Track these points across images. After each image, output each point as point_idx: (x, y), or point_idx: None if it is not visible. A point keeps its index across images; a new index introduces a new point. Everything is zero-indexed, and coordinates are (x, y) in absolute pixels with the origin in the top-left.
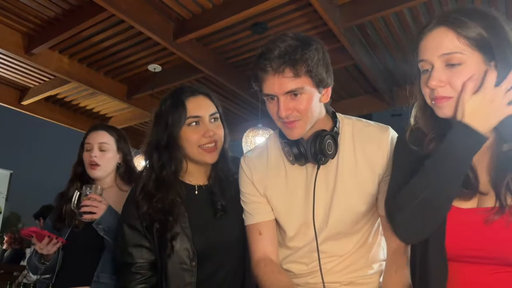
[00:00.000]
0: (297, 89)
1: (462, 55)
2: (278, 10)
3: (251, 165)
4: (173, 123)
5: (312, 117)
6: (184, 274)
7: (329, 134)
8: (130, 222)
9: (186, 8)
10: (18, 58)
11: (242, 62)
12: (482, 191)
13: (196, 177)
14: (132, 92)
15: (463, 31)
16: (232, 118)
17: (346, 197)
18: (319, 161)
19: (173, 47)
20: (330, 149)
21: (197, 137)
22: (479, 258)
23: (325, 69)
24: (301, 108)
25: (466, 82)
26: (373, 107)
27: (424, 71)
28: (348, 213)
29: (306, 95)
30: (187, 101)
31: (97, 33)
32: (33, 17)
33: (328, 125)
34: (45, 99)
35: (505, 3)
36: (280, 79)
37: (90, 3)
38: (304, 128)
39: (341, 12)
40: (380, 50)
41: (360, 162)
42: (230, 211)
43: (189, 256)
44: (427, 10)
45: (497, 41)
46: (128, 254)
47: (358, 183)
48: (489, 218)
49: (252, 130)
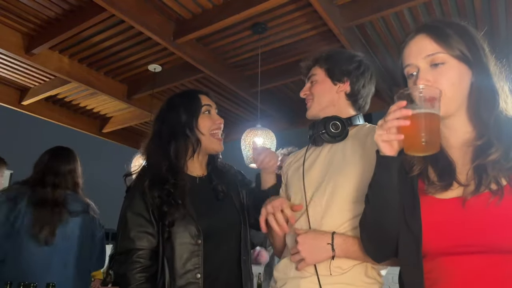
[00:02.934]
0: (311, 76)
1: (444, 55)
2: (278, 10)
3: (289, 157)
4: (191, 110)
5: (322, 101)
6: (191, 254)
7: (337, 117)
8: (134, 209)
9: (186, 8)
10: (18, 58)
11: (242, 62)
12: (464, 183)
13: (196, 169)
14: (132, 92)
15: (446, 41)
16: (232, 118)
17: (339, 179)
18: (319, 136)
19: (173, 47)
20: (336, 128)
21: (210, 123)
22: (465, 247)
23: (342, 65)
24: (313, 91)
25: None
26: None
27: (410, 76)
28: (339, 195)
29: (318, 83)
30: (200, 95)
31: (97, 33)
32: (33, 17)
33: (345, 116)
34: (45, 99)
35: (505, 3)
36: (312, 68)
37: (90, 3)
38: (314, 108)
39: (341, 12)
40: (380, 50)
41: (366, 155)
42: (229, 198)
43: (195, 235)
44: (427, 10)
45: (477, 61)
46: (129, 240)
47: (354, 171)
48: (466, 197)
49: (251, 130)
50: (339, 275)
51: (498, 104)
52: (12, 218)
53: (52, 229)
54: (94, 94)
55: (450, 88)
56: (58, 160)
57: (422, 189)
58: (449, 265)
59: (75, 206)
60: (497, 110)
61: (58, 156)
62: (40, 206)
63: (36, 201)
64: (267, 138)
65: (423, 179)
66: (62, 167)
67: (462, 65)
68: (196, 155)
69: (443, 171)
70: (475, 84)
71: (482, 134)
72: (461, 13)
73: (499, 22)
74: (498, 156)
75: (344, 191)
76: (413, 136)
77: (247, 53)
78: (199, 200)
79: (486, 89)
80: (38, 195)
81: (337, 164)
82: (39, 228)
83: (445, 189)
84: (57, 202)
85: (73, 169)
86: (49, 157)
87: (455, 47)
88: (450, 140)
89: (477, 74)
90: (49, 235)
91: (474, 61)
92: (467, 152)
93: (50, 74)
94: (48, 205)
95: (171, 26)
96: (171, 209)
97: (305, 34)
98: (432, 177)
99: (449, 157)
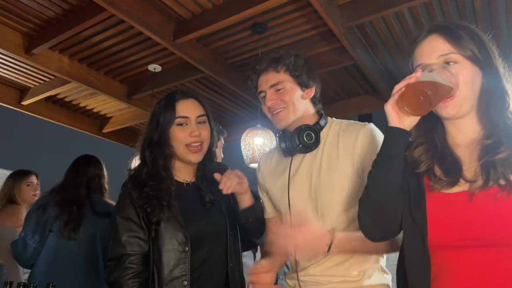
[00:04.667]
0: (279, 83)
1: (457, 55)
2: (278, 10)
3: (261, 162)
4: (163, 122)
5: (295, 109)
6: (178, 261)
7: (308, 127)
8: (124, 214)
9: (186, 8)
10: (18, 58)
11: (242, 62)
12: (471, 180)
13: (183, 174)
14: (132, 92)
15: (458, 41)
16: (231, 118)
17: (325, 185)
18: (298, 150)
19: (173, 47)
20: (310, 139)
21: (184, 136)
22: (471, 240)
23: (305, 72)
24: (285, 99)
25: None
26: (373, 107)
27: None
28: (327, 201)
29: (288, 90)
30: (177, 103)
31: (97, 33)
32: (33, 17)
33: (313, 122)
34: (45, 99)
35: (505, 3)
36: (265, 76)
37: (90, 3)
38: (288, 117)
39: (341, 12)
40: (380, 50)
41: (342, 155)
42: (216, 204)
43: (183, 243)
44: (427, 10)
45: (487, 62)
46: (120, 245)
47: (338, 174)
48: (473, 191)
49: (251, 130)
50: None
51: (508, 105)
52: (43, 224)
53: (75, 226)
54: (94, 94)
55: (463, 87)
56: (84, 164)
57: (428, 185)
58: (455, 258)
59: (100, 207)
60: (507, 110)
61: (84, 161)
62: (64, 205)
63: (60, 201)
64: (267, 138)
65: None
66: (88, 171)
67: (474, 66)
68: (179, 162)
69: (450, 169)
70: (485, 85)
71: (491, 134)
72: (461, 13)
73: (499, 22)
74: (507, 155)
75: (335, 207)
76: (414, 90)
77: (247, 53)
78: (186, 205)
79: (496, 90)
80: (63, 197)
81: (320, 179)
82: (63, 224)
83: (451, 185)
84: (81, 202)
85: (98, 173)
86: (76, 162)
87: (467, 48)
88: (457, 139)
89: (487, 75)
90: (72, 231)
91: (485, 63)
92: (474, 151)
93: (50, 74)
94: (72, 204)
95: (171, 26)
96: (155, 210)
97: (305, 34)
98: (438, 174)
99: (456, 155)
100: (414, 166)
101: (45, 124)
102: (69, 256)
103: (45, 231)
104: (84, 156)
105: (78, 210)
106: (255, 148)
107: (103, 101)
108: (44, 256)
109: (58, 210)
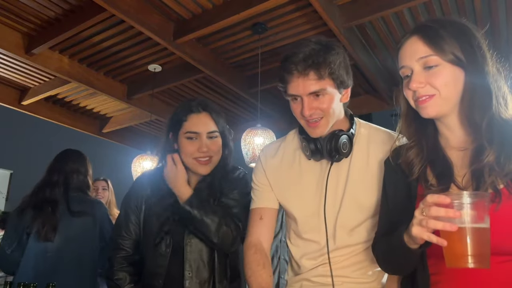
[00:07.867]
0: (320, 90)
1: (436, 58)
2: (278, 10)
3: (267, 154)
4: (174, 134)
5: (334, 116)
6: (157, 261)
7: (345, 134)
8: (126, 205)
9: (186, 8)
10: (18, 58)
11: (242, 62)
12: (462, 187)
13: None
14: (132, 92)
15: (438, 44)
16: (232, 118)
17: (354, 194)
18: (333, 158)
19: (173, 47)
20: (345, 148)
21: (192, 150)
22: None
23: (345, 71)
24: (324, 107)
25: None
26: (373, 107)
27: (405, 77)
28: (355, 209)
29: (328, 96)
30: (189, 117)
31: (97, 33)
32: (33, 17)
33: (345, 127)
34: (45, 99)
35: (505, 3)
36: (304, 81)
37: (90, 3)
38: (327, 126)
39: (341, 12)
40: (380, 50)
41: (372, 164)
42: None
43: (166, 246)
44: (427, 10)
45: (471, 62)
46: (117, 228)
47: (367, 183)
48: None
49: (251, 130)
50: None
51: (491, 106)
52: (20, 230)
53: (50, 227)
54: (94, 94)
55: (443, 88)
56: (61, 161)
57: (421, 194)
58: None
59: (76, 207)
60: (490, 112)
61: (61, 157)
62: (40, 206)
63: (37, 203)
64: (267, 138)
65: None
66: (65, 167)
67: (455, 67)
68: (189, 171)
69: (442, 173)
70: (468, 86)
71: (475, 138)
72: (461, 13)
73: (499, 22)
74: (491, 161)
75: (353, 223)
76: (458, 248)
77: (247, 53)
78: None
79: (480, 91)
80: (40, 198)
81: (345, 192)
82: (41, 226)
83: (443, 192)
84: (57, 202)
85: (78, 169)
86: (54, 159)
87: (447, 50)
88: (450, 141)
89: (470, 76)
90: (49, 233)
91: (468, 63)
92: (465, 155)
93: (50, 74)
94: (46, 205)
95: (171, 26)
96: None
97: (305, 34)
98: (430, 179)
99: (448, 159)
100: (408, 172)
101: (45, 124)
102: (53, 258)
103: (23, 235)
104: (63, 152)
105: (53, 210)
106: (255, 147)
107: (103, 101)
108: (26, 260)
109: (33, 213)
